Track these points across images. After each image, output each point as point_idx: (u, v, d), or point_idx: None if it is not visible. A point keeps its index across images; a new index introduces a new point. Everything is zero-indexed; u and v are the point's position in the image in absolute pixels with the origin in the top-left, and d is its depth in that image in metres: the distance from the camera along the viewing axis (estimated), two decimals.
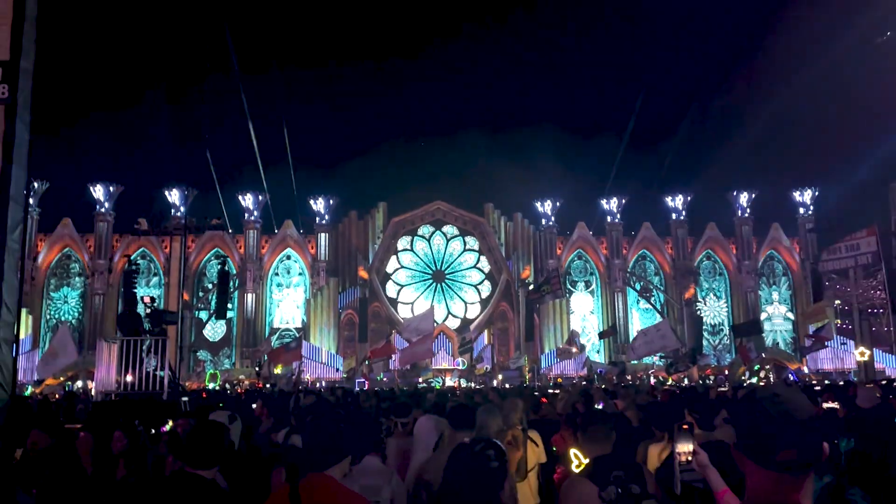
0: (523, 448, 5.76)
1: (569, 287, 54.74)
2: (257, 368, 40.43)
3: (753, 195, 54.52)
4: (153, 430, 7.36)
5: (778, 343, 53.96)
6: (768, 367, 43.44)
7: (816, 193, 54.52)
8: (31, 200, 48.09)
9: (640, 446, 5.94)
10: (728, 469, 3.59)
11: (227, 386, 39.58)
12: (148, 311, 14.15)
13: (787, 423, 2.07)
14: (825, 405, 9.59)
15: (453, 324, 53.66)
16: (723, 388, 18.02)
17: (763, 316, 53.86)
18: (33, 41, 8.26)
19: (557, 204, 54.54)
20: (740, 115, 56.52)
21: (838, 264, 37.37)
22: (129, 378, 12.78)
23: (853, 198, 46.40)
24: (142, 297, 15.18)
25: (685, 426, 3.02)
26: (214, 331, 51.49)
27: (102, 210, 50.75)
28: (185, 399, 12.55)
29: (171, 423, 7.46)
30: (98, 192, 51.02)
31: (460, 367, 47.77)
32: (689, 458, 2.91)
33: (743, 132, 53.86)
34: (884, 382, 18.51)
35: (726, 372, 42.61)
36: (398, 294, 55.09)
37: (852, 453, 5.48)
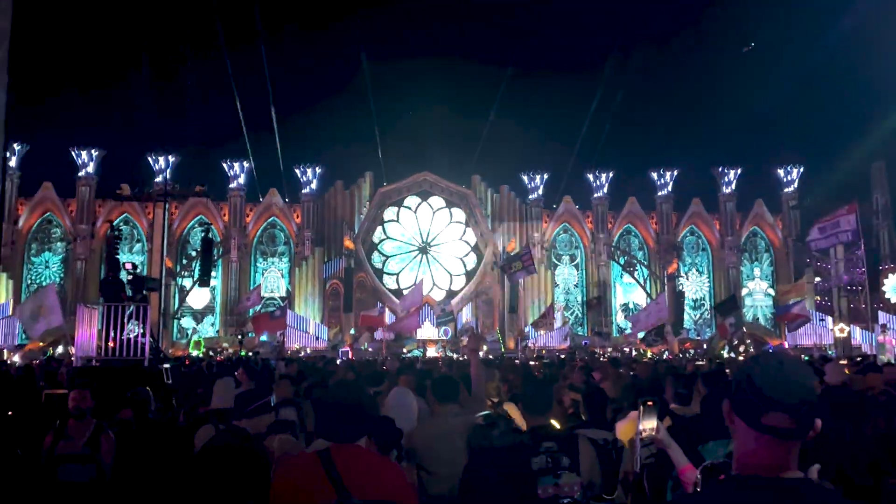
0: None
1: (554, 260, 55.04)
2: (240, 336, 40.47)
3: (739, 171, 54.79)
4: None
5: (758, 318, 54.73)
6: (748, 341, 44.14)
7: (801, 171, 54.90)
8: (11, 163, 47.39)
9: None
10: (694, 446, 3.67)
11: (210, 353, 39.67)
12: (130, 277, 14.07)
13: (786, 389, 2.05)
14: None
15: (438, 295, 53.83)
16: (700, 362, 18.28)
17: (744, 291, 54.51)
18: (10, 1, 8.09)
19: (545, 177, 54.58)
20: (727, 90, 56.29)
21: (826, 242, 37.71)
22: (110, 344, 12.77)
23: (837, 176, 46.84)
24: (124, 264, 15.07)
25: (650, 402, 3.05)
26: (198, 298, 51.33)
27: (84, 174, 50.15)
28: (166, 366, 12.57)
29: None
30: (81, 156, 50.36)
31: (444, 338, 48.09)
32: (653, 436, 2.94)
33: (730, 107, 53.73)
34: (858, 359, 18.84)
35: (705, 346, 43.27)
36: (384, 265, 55.11)
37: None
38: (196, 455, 4.72)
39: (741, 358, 33.42)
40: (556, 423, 5.25)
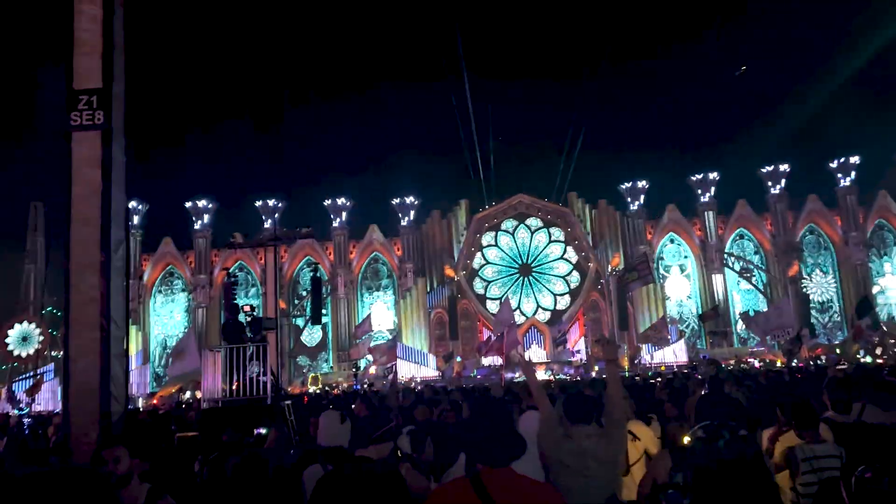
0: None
1: (662, 272, 53.08)
2: (354, 370, 41.28)
3: (855, 162, 51.15)
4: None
5: (893, 317, 50.44)
6: (892, 340, 40.61)
7: None
8: (134, 221, 50.94)
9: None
10: (873, 454, 3.23)
11: (327, 388, 40.62)
12: (248, 319, 14.56)
13: None
14: None
15: (543, 317, 53.05)
16: (841, 366, 16.82)
17: (875, 289, 50.47)
18: (123, 68, 8.60)
19: (644, 186, 52.98)
20: (834, 79, 53.00)
21: None
22: (234, 385, 13.20)
23: None
24: (242, 307, 15.63)
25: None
26: (311, 336, 52.98)
27: (200, 226, 53.16)
28: (287, 402, 12.83)
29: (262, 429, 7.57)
30: (195, 209, 53.47)
31: (554, 361, 47.12)
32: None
33: (839, 97, 50.52)
34: None
35: (837, 350, 40.21)
36: (486, 290, 54.96)
37: None
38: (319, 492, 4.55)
39: (880, 361, 30.80)
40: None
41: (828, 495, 3.91)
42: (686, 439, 3.93)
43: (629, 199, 53.15)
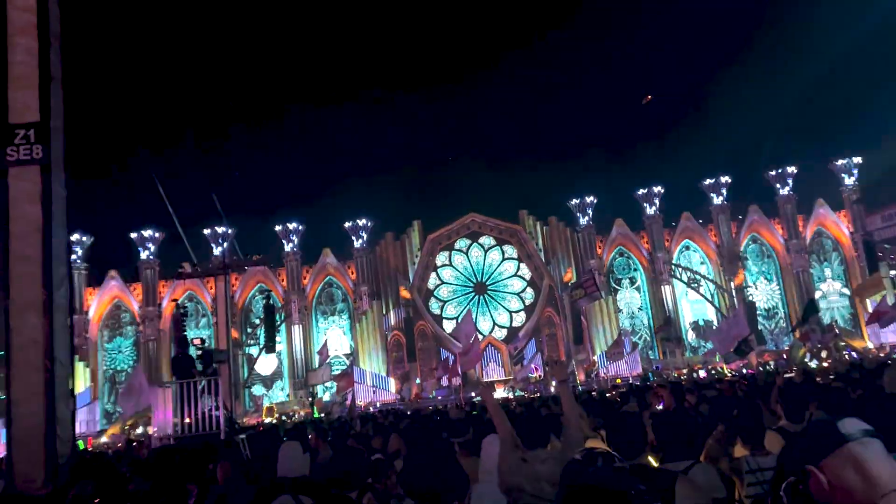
0: None
1: (613, 285, 54.00)
2: (310, 399, 40.68)
3: (792, 171, 53.12)
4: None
5: (836, 321, 52.25)
6: (832, 344, 41.99)
7: (859, 162, 52.84)
8: (78, 253, 49.41)
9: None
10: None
11: (284, 418, 39.89)
12: (199, 352, 14.28)
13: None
14: None
15: (500, 334, 53.28)
16: (789, 374, 17.29)
17: (818, 294, 52.25)
18: (61, 100, 8.42)
19: (591, 202, 53.97)
20: (766, 92, 55.22)
21: (889, 232, 36.13)
22: (186, 420, 12.88)
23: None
24: (192, 340, 15.32)
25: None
26: (266, 365, 52.01)
27: (147, 258, 51.84)
28: (242, 437, 12.56)
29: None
30: (140, 240, 52.13)
31: (512, 379, 47.28)
32: None
33: (773, 108, 52.60)
34: None
35: (784, 356, 41.36)
36: (442, 310, 54.96)
37: None
38: None
39: (825, 364, 31.80)
40: (652, 460, 4.87)
41: None
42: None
43: (578, 215, 54.05)
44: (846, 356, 38.35)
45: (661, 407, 9.21)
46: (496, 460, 4.65)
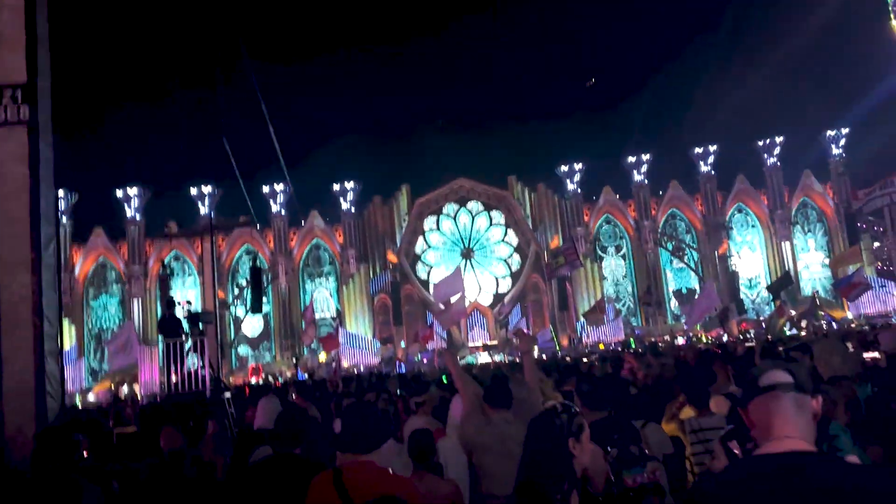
0: None
1: (599, 253, 54.45)
2: (295, 360, 41.10)
3: (781, 142, 53.33)
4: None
5: (817, 291, 53.07)
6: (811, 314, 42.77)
7: (847, 135, 53.12)
8: (62, 213, 49.10)
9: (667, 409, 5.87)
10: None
11: (270, 378, 40.33)
12: (186, 313, 14.47)
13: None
14: (866, 355, 9.44)
15: (486, 299, 53.75)
16: (749, 344, 17.67)
17: (801, 265, 52.98)
18: (48, 61, 8.42)
19: (580, 169, 54.04)
20: (755, 61, 54.91)
21: (874, 204, 36.69)
22: (173, 379, 13.13)
23: (887, 139, 45.14)
24: (179, 301, 15.50)
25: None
26: (253, 326, 52.32)
27: (132, 216, 51.62)
28: (228, 396, 12.83)
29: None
30: (126, 197, 51.83)
31: (496, 343, 47.91)
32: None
33: (762, 77, 52.40)
34: None
35: (764, 326, 42.13)
36: (429, 275, 55.27)
37: (870, 400, 5.40)
38: None
39: (803, 334, 32.47)
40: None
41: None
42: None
43: (567, 181, 54.17)
44: (824, 325, 39.14)
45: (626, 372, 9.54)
46: (457, 420, 4.96)
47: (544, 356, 34.07)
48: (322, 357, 40.76)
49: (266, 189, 52.74)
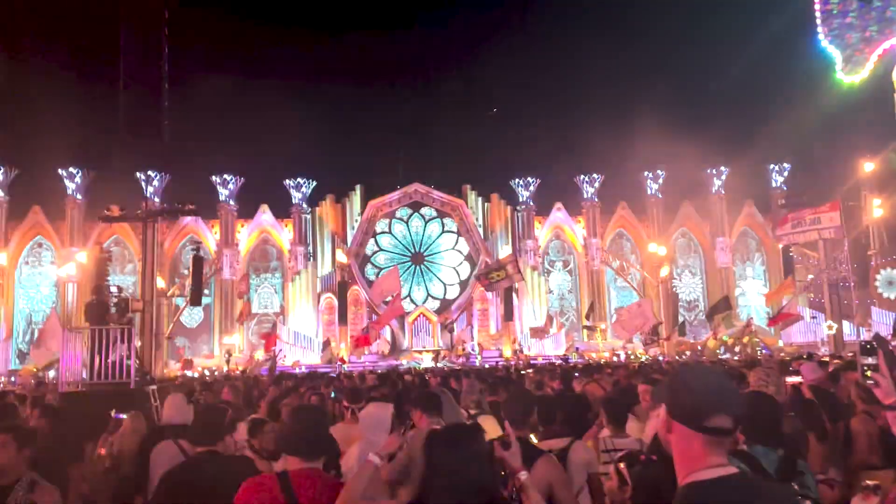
0: None
1: (547, 267, 55.14)
2: (227, 356, 40.44)
3: (727, 171, 54.93)
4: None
5: (752, 318, 54.73)
6: (747, 338, 44.14)
7: (789, 169, 55.09)
8: None
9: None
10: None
11: (206, 372, 39.51)
12: (116, 299, 14.08)
13: (724, 394, 2.28)
14: (789, 380, 9.79)
15: (433, 305, 53.79)
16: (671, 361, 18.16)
17: (738, 292, 54.61)
18: None
19: (533, 183, 54.70)
20: (708, 92, 56.43)
21: (800, 237, 38.13)
22: (96, 367, 12.73)
23: (824, 174, 46.93)
24: (109, 287, 15.07)
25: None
26: (192, 317, 51.17)
27: (72, 196, 50.00)
28: (153, 388, 12.52)
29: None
30: (70, 175, 50.23)
31: (441, 349, 47.99)
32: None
33: (716, 109, 53.93)
34: (825, 359, 18.24)
35: (699, 348, 43.32)
36: (377, 277, 54.99)
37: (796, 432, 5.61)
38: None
39: (737, 358, 33.48)
40: (533, 437, 5.21)
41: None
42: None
43: (520, 194, 54.73)
44: (759, 352, 40.47)
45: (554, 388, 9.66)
46: (372, 427, 4.93)
47: (486, 365, 34.30)
48: (259, 355, 40.17)
49: (216, 179, 51.80)
